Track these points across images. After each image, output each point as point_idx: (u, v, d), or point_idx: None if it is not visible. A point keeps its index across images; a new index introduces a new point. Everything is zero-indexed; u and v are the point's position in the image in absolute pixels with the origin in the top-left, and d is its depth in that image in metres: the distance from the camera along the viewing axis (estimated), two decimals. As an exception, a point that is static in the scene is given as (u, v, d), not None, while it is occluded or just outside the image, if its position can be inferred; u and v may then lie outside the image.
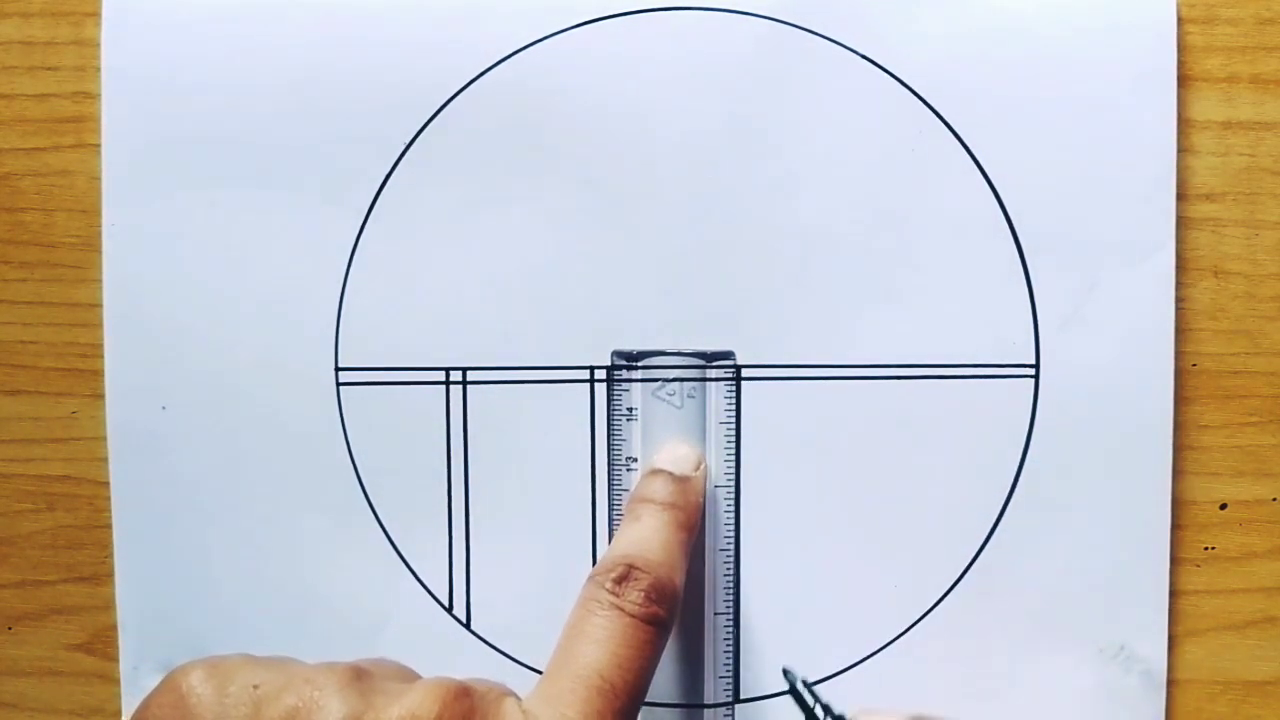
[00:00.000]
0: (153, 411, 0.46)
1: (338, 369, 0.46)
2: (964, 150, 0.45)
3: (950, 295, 0.45)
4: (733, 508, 0.46)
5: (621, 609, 0.39)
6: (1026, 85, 0.44)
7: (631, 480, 0.45)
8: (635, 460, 0.46)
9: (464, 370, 0.46)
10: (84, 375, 0.47)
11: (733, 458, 0.46)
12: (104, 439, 0.47)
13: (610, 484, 0.46)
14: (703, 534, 0.45)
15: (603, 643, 0.39)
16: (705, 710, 0.46)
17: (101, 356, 0.46)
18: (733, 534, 0.46)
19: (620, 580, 0.40)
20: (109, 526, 0.47)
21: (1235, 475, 0.46)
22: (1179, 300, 0.45)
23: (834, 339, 0.45)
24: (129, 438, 0.46)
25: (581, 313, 0.45)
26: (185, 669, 0.37)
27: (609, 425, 0.46)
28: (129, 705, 0.47)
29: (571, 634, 0.40)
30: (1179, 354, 0.45)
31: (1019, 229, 0.45)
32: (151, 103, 0.46)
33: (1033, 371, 0.45)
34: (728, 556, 0.46)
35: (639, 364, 0.45)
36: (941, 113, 0.45)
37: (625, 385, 0.45)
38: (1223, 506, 0.46)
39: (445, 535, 0.46)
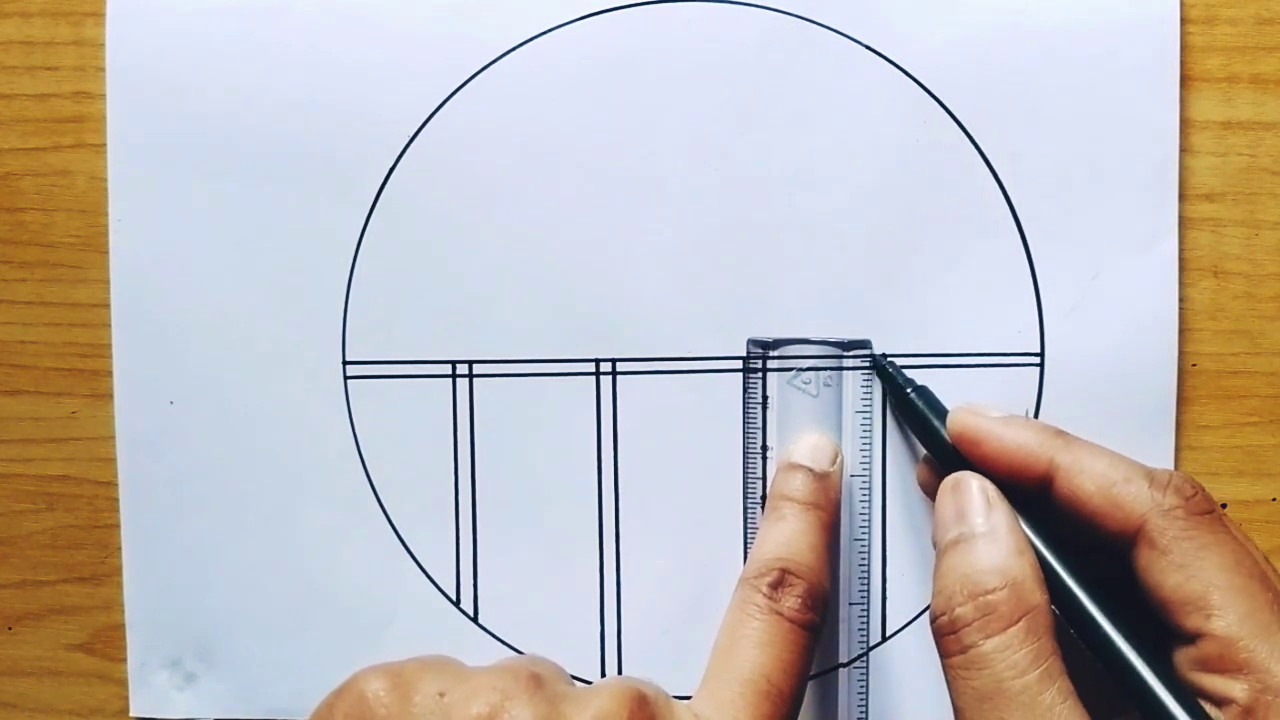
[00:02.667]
0: (160, 407, 0.46)
1: (345, 362, 0.46)
2: (969, 141, 0.45)
3: (955, 285, 0.45)
4: (867, 498, 0.46)
5: (780, 614, 0.40)
6: (1029, 76, 0.45)
7: (761, 469, 0.46)
8: (770, 449, 0.45)
9: (470, 363, 0.46)
10: (84, 375, 0.47)
11: (869, 447, 0.46)
12: (104, 439, 0.47)
13: (745, 473, 0.46)
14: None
15: (765, 646, 0.39)
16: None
17: (102, 356, 0.46)
18: (867, 524, 0.46)
19: (776, 585, 0.40)
20: (109, 526, 0.47)
21: (1235, 475, 0.46)
22: (1179, 300, 0.45)
23: (839, 329, 0.45)
24: (136, 433, 0.46)
25: (587, 305, 0.45)
26: (366, 676, 0.37)
27: (745, 413, 0.46)
28: (136, 701, 0.47)
29: (730, 637, 0.40)
30: (1179, 354, 0.45)
31: (1023, 219, 0.45)
32: (156, 98, 0.46)
33: (1038, 360, 0.45)
34: (863, 547, 0.46)
35: (773, 353, 0.45)
36: (945, 103, 0.45)
37: (761, 374, 0.45)
38: (1223, 506, 0.46)
39: (452, 529, 0.46)
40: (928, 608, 0.46)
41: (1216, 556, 0.37)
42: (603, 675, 0.46)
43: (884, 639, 0.46)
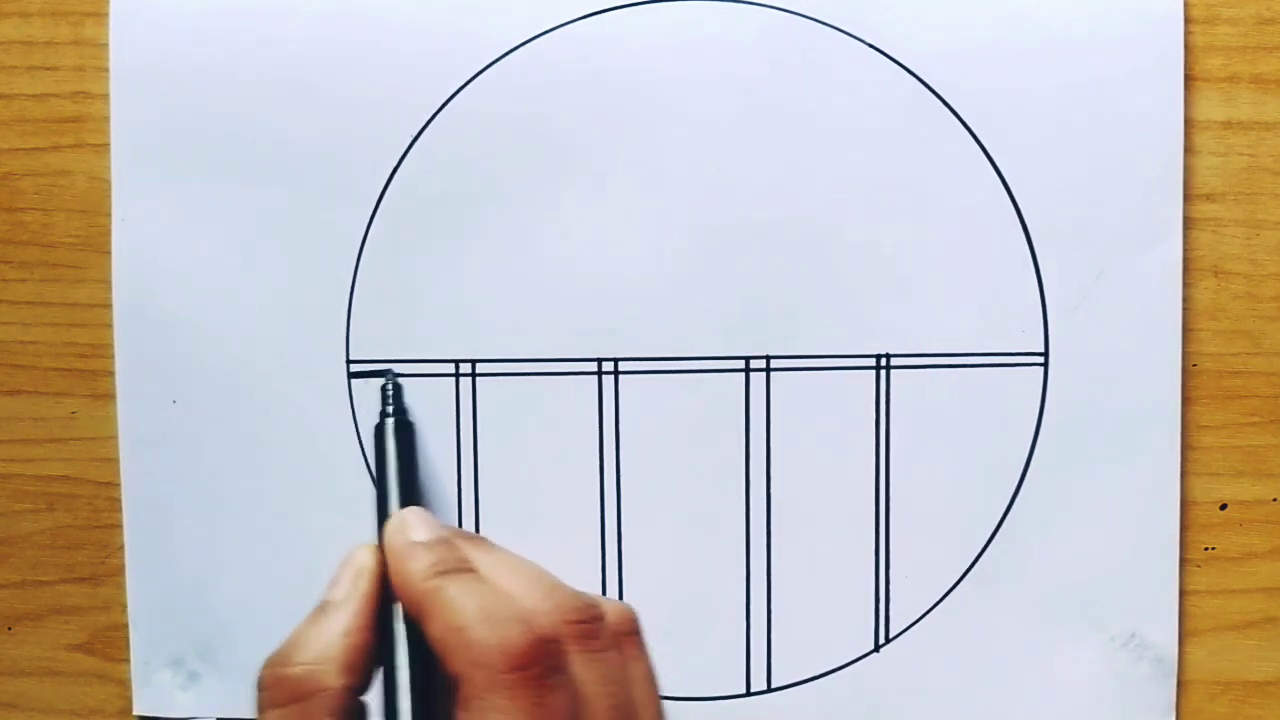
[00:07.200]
0: (163, 406, 0.46)
1: (348, 361, 0.46)
2: (972, 140, 0.45)
3: (959, 284, 0.45)
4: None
5: None
6: (1034, 75, 0.45)
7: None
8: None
9: (473, 362, 0.46)
10: (84, 375, 0.47)
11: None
12: (104, 439, 0.47)
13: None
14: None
15: None
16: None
17: (102, 356, 0.46)
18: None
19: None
20: (109, 526, 0.47)
21: (1235, 475, 0.46)
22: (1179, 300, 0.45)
23: (844, 329, 0.45)
24: (139, 432, 0.46)
25: (589, 305, 0.46)
26: None
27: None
28: (140, 700, 0.47)
29: None
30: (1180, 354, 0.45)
31: (1027, 218, 0.45)
32: (159, 97, 0.46)
33: (1042, 360, 0.45)
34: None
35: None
36: (949, 102, 0.45)
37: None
38: (1223, 507, 0.46)
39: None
40: (930, 609, 0.46)
41: None
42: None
43: (888, 639, 0.46)
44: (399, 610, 0.38)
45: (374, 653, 0.38)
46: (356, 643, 0.37)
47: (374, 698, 0.38)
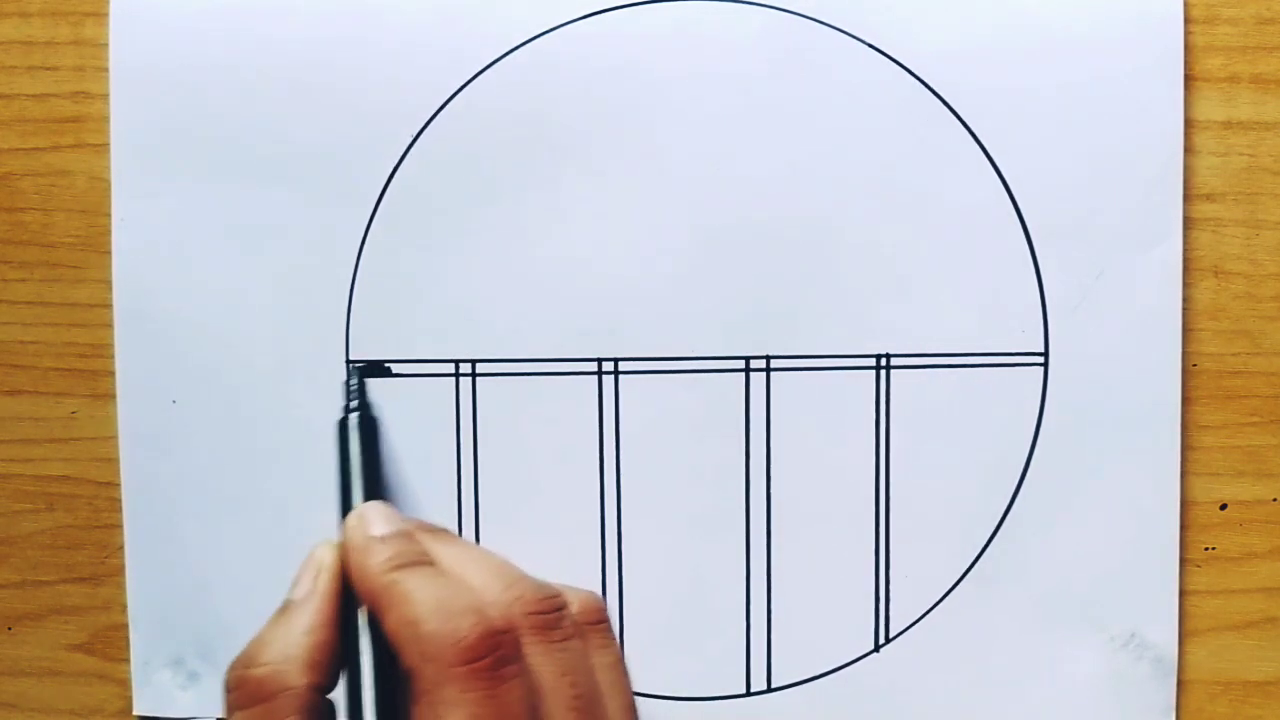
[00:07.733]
0: (163, 406, 0.46)
1: (348, 361, 0.46)
2: (972, 140, 0.45)
3: (959, 284, 0.45)
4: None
5: None
6: (1034, 75, 0.45)
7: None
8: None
9: (473, 362, 0.46)
10: (84, 375, 0.47)
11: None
12: (104, 439, 0.47)
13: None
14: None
15: None
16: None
17: (102, 356, 0.46)
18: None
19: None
20: (109, 526, 0.47)
21: (1235, 475, 0.46)
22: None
23: (844, 329, 0.45)
24: (139, 432, 0.46)
25: (589, 304, 0.45)
26: None
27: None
28: (140, 700, 0.47)
29: None
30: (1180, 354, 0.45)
31: (1027, 218, 0.45)
32: (159, 97, 0.46)
33: (1042, 360, 0.45)
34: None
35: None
36: (949, 102, 0.45)
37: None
38: (1223, 507, 0.46)
39: (454, 528, 0.46)
40: (930, 610, 0.46)
41: None
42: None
43: (888, 639, 0.46)
44: (362, 606, 0.38)
45: (338, 650, 0.38)
46: (319, 641, 0.37)
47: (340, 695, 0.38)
